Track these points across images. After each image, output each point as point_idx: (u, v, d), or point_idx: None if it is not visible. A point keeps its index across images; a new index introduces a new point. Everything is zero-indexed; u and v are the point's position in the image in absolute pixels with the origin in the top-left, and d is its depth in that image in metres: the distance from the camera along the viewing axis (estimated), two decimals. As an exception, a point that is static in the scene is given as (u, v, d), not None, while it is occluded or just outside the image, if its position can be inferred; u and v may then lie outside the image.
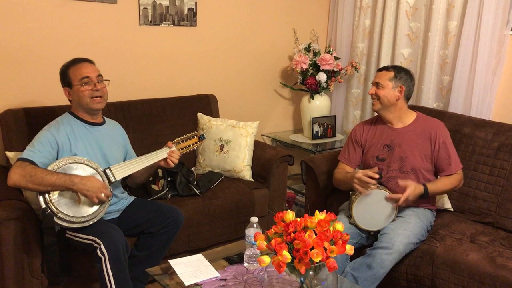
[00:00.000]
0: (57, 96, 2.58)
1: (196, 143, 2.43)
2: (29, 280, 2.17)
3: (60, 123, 2.22)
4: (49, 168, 2.04)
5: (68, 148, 2.17)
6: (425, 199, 2.33)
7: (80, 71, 2.21)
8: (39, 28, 2.69)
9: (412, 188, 2.25)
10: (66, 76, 2.23)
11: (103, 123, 2.37)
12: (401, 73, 2.42)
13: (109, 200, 2.17)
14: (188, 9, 3.19)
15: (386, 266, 2.16)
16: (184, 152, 2.39)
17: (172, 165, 2.32)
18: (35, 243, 2.15)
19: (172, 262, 1.99)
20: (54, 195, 2.03)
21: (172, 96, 3.14)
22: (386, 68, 2.47)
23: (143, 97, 3.03)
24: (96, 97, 2.22)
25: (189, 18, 3.21)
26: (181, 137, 2.40)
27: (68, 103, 2.33)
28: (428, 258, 2.21)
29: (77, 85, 2.20)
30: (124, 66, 3.01)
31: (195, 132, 2.48)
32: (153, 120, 2.97)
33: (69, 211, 2.05)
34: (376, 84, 2.43)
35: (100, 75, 2.25)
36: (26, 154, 2.07)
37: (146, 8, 3.02)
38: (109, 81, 2.29)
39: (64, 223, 2.04)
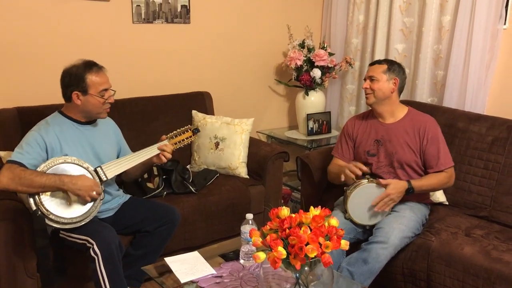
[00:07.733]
0: (51, 95, 2.56)
1: (190, 137, 2.37)
2: (24, 280, 2.15)
3: (50, 124, 2.18)
4: (39, 169, 2.01)
5: (59, 149, 2.14)
6: (410, 194, 2.31)
7: (101, 81, 2.16)
8: (32, 26, 2.67)
9: (393, 186, 2.25)
10: (82, 81, 2.13)
11: (94, 120, 2.32)
12: (393, 65, 2.43)
13: (101, 200, 2.15)
14: (181, 6, 3.18)
15: (382, 260, 2.16)
16: (178, 147, 2.34)
17: (165, 160, 2.27)
18: (29, 242, 2.14)
19: (168, 260, 1.99)
20: (45, 197, 2.01)
21: (166, 93, 3.12)
22: (378, 62, 2.46)
23: (138, 95, 3.02)
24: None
25: (183, 15, 3.20)
26: (174, 132, 2.35)
27: (62, 102, 2.29)
28: (423, 252, 2.22)
29: (95, 96, 2.15)
30: (118, 64, 2.99)
31: (189, 126, 2.41)
32: (148, 118, 2.96)
33: (60, 212, 2.03)
34: (370, 78, 2.42)
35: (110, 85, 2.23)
36: (14, 156, 2.04)
37: (139, 5, 3.01)
38: (115, 91, 2.25)
39: (56, 225, 2.02)
